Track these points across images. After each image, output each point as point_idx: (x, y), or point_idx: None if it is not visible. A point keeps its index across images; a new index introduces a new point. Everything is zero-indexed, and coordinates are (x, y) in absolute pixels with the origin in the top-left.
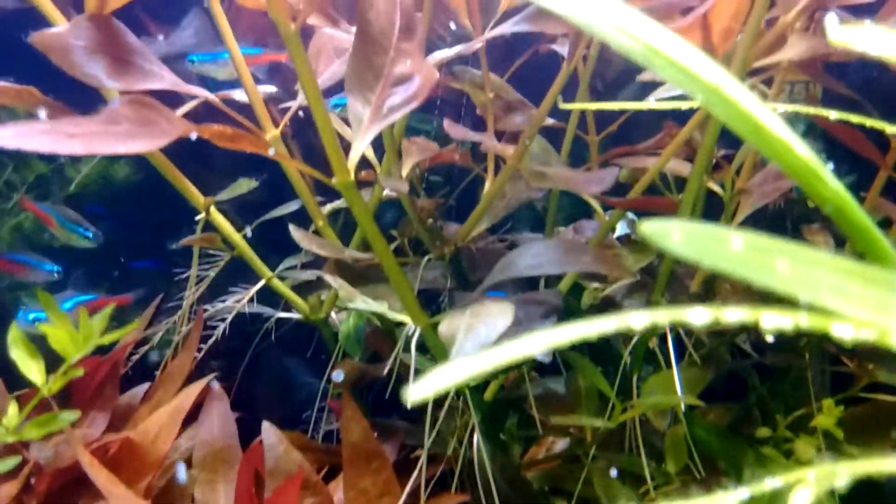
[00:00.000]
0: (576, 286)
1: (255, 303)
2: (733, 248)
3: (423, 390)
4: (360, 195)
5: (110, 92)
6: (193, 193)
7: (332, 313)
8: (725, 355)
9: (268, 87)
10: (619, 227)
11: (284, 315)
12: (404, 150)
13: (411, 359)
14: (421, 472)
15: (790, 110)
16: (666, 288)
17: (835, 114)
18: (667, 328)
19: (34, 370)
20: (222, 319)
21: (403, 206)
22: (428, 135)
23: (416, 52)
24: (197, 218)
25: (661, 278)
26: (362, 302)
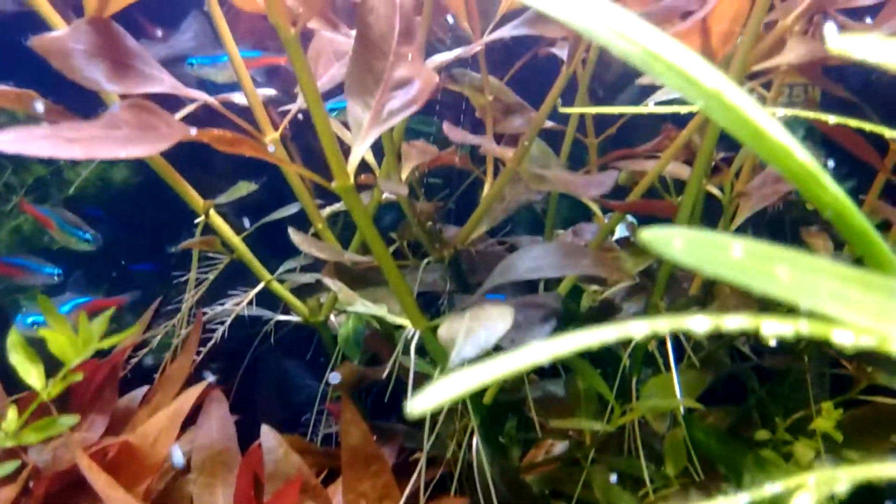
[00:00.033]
0: (575, 289)
1: (254, 305)
2: (734, 255)
3: (425, 402)
4: (360, 199)
5: (110, 95)
6: (192, 196)
7: (332, 316)
8: (724, 358)
9: (267, 90)
10: (619, 230)
11: (284, 318)
12: (404, 153)
13: (410, 362)
14: (420, 475)
15: (790, 115)
16: (665, 291)
17: (833, 118)
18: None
19: (33, 375)
20: (221, 322)
21: (403, 209)
22: (428, 137)
23: (416, 55)
24: (196, 221)
25: (660, 281)
26: (362, 305)
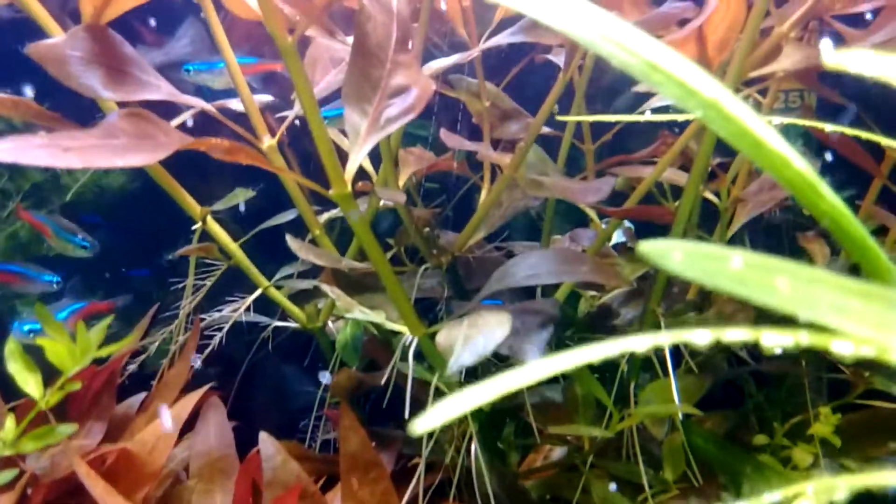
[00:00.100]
0: (572, 294)
1: (251, 312)
2: (733, 267)
3: (427, 422)
4: (358, 206)
5: (107, 102)
6: (190, 203)
7: (329, 322)
8: (722, 363)
9: (264, 97)
10: (616, 236)
11: (281, 324)
12: (401, 160)
13: (409, 368)
14: (419, 481)
15: (787, 122)
16: (662, 296)
17: (831, 126)
18: None
19: (31, 383)
20: (219, 328)
21: (400, 215)
22: (425, 141)
23: (413, 63)
24: (193, 228)
25: (657, 287)
26: (359, 312)
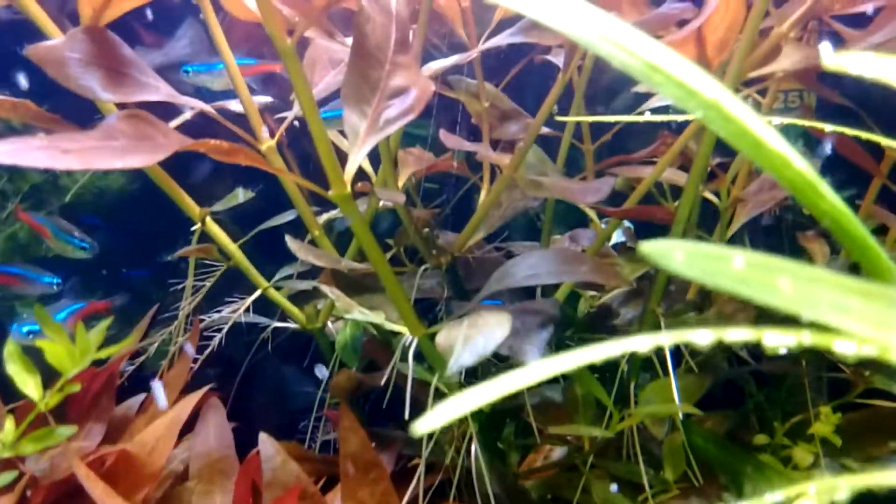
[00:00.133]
0: (572, 294)
1: (251, 312)
2: (735, 267)
3: (428, 423)
4: (357, 207)
5: (106, 104)
6: (189, 204)
7: (329, 323)
8: (722, 362)
9: (263, 98)
10: (615, 236)
11: (281, 325)
12: (400, 160)
13: (409, 368)
14: (419, 481)
15: (787, 123)
16: (662, 296)
17: (830, 127)
18: None
19: (31, 385)
20: (219, 329)
21: (399, 215)
22: (424, 140)
23: (412, 64)
24: (193, 229)
25: (657, 287)
26: (359, 313)
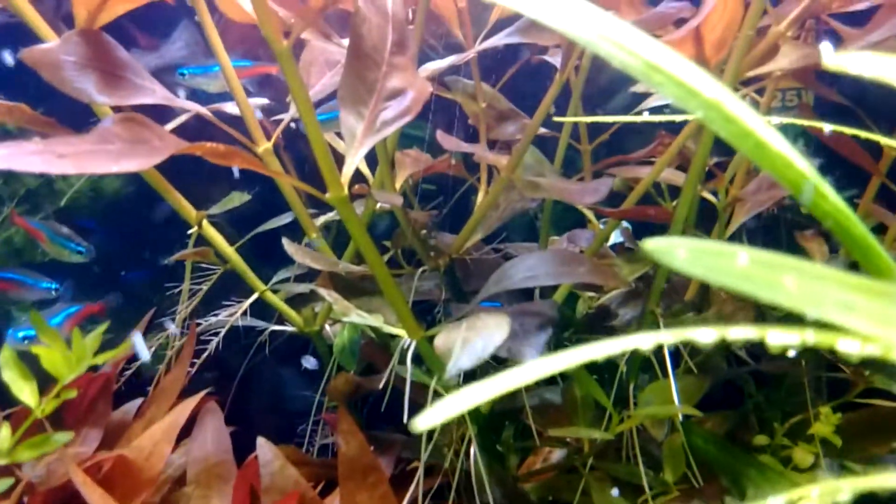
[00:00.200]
0: (571, 295)
1: (248, 316)
2: (739, 264)
3: (428, 420)
4: (354, 209)
5: (102, 107)
6: (185, 207)
7: (327, 325)
8: (721, 363)
9: (259, 100)
10: (613, 237)
11: (278, 328)
12: (398, 162)
13: (407, 371)
14: (418, 484)
15: (785, 122)
16: (661, 297)
17: (829, 127)
18: None
19: (27, 392)
20: (216, 333)
21: (397, 217)
22: (421, 141)
23: (409, 66)
24: (189, 232)
25: (656, 287)
26: (357, 315)
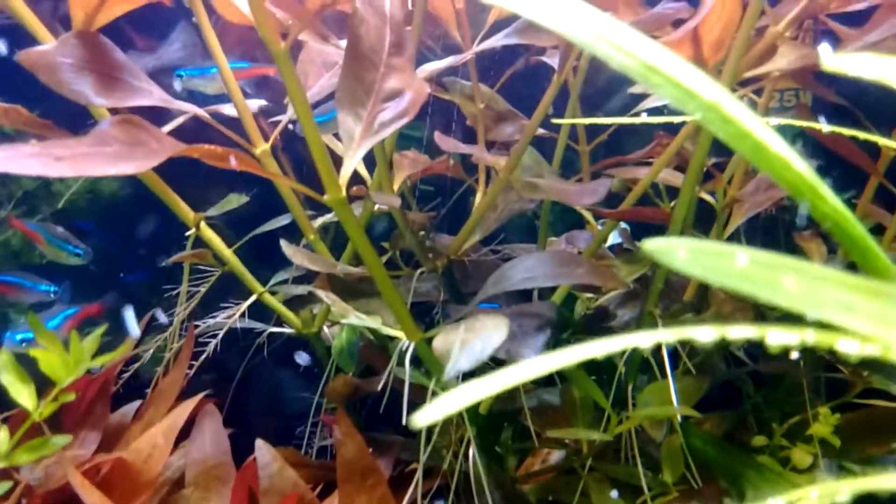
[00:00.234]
0: (569, 296)
1: (246, 318)
2: (739, 264)
3: (427, 416)
4: (352, 211)
5: (99, 109)
6: (183, 209)
7: (325, 327)
8: (720, 364)
9: (257, 101)
10: (612, 237)
11: (276, 330)
12: (396, 163)
13: (405, 373)
14: (417, 486)
15: (784, 123)
16: (659, 298)
17: (827, 127)
18: None
19: (24, 395)
20: (214, 335)
21: (395, 218)
22: (419, 142)
23: (407, 67)
24: (187, 234)
25: (654, 288)
26: (355, 317)
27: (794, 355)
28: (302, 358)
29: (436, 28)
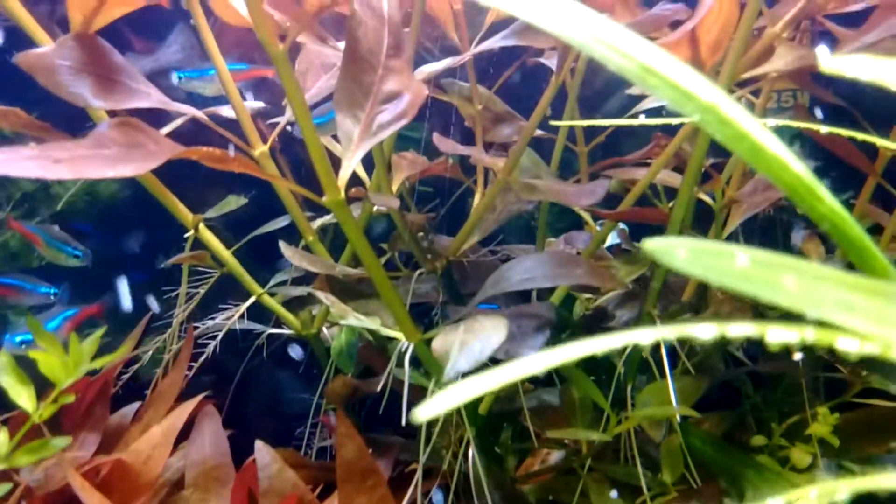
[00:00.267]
0: (568, 297)
1: (245, 319)
2: (739, 264)
3: (425, 412)
4: (351, 213)
5: (97, 111)
6: (182, 211)
7: (324, 328)
8: (719, 363)
9: (255, 103)
10: (610, 238)
11: (276, 331)
12: (394, 165)
13: (405, 374)
14: (416, 486)
15: (781, 124)
16: (658, 298)
17: (825, 128)
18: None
19: (24, 397)
20: (213, 337)
21: (393, 220)
22: (417, 143)
23: (405, 68)
24: (186, 235)
25: (653, 289)
26: (354, 318)
27: (797, 356)
28: (295, 352)
29: (434, 29)
